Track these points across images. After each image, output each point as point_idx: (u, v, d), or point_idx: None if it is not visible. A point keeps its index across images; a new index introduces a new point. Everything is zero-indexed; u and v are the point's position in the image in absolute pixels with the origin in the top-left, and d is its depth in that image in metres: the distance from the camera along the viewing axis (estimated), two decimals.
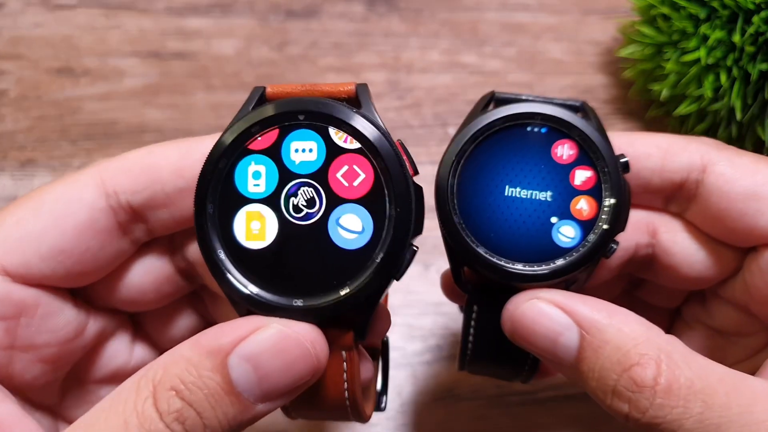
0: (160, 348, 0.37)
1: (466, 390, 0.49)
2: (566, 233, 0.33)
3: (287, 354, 0.26)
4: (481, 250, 0.32)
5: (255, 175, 0.28)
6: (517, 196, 0.33)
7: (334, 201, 0.27)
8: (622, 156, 0.33)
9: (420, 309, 0.52)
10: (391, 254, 0.27)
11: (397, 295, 0.53)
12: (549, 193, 0.33)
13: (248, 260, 0.27)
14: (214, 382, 0.25)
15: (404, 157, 0.28)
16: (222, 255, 0.27)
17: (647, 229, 0.36)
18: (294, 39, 0.63)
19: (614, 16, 0.64)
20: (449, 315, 0.52)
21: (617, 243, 0.33)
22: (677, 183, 0.34)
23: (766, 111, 0.50)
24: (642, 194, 0.35)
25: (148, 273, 0.33)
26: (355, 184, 0.27)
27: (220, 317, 0.37)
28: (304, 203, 0.27)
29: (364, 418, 0.31)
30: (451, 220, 0.32)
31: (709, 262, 0.35)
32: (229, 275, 0.27)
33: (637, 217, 0.36)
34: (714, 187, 0.33)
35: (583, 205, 0.32)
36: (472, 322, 0.35)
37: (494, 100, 0.34)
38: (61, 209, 0.29)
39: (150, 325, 0.36)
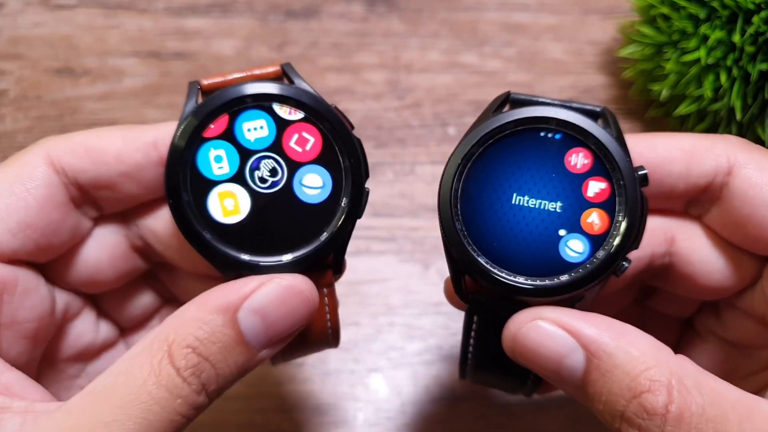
0: (121, 326, 0.39)
1: (466, 390, 0.49)
2: (574, 247, 0.31)
3: (289, 303, 0.30)
4: (481, 260, 0.31)
5: (217, 159, 0.31)
6: (525, 205, 0.31)
7: (294, 166, 0.31)
8: (641, 168, 0.31)
9: (420, 309, 0.52)
10: (354, 198, 0.31)
11: (397, 295, 0.53)
12: (559, 204, 0.31)
13: (230, 234, 0.31)
14: (227, 336, 0.28)
15: (341, 117, 0.32)
16: (207, 235, 0.30)
17: (665, 237, 0.35)
18: (294, 39, 0.63)
19: (614, 16, 0.64)
20: (449, 315, 0.52)
21: (629, 261, 0.31)
22: (702, 187, 0.33)
23: (766, 111, 0.50)
24: (666, 199, 0.34)
25: (103, 248, 0.35)
26: (307, 148, 0.31)
27: (179, 291, 0.39)
28: (268, 173, 0.31)
29: (338, 343, 0.36)
30: (453, 226, 0.31)
31: (727, 271, 0.34)
32: (218, 251, 0.31)
33: (654, 224, 0.35)
34: (739, 192, 0.32)
35: (594, 219, 0.31)
36: (473, 333, 0.34)
37: (510, 101, 0.32)
38: (20, 188, 0.31)
39: (109, 305, 0.38)
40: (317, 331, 0.34)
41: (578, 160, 0.31)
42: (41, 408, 0.28)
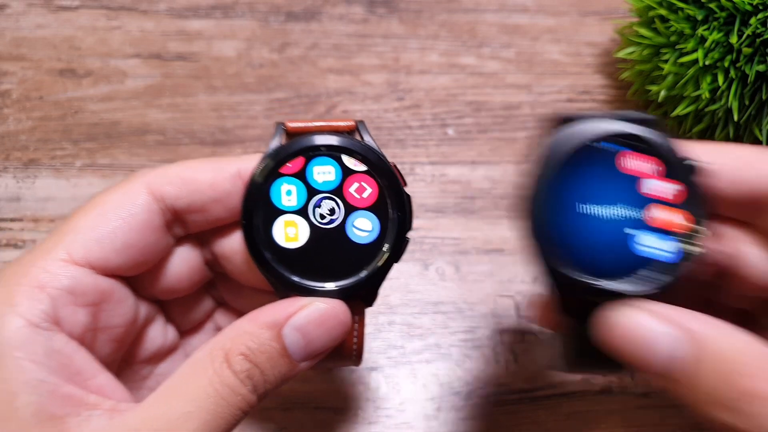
0: (181, 330, 0.43)
1: (465, 388, 0.50)
2: (660, 247, 0.33)
3: (327, 324, 0.34)
4: (596, 282, 0.33)
5: (287, 193, 0.36)
6: (611, 216, 0.33)
7: (350, 209, 0.36)
8: (696, 161, 0.33)
9: (419, 308, 0.53)
10: (395, 245, 0.36)
11: (397, 294, 0.53)
12: (637, 210, 0.33)
13: (287, 257, 0.36)
14: (273, 348, 0.33)
15: (398, 175, 0.36)
16: (267, 255, 0.35)
17: (721, 239, 0.36)
18: (294, 41, 0.64)
19: (612, 18, 0.64)
20: (448, 314, 0.52)
21: (704, 249, 0.33)
22: (757, 195, 0.34)
23: (763, 112, 0.51)
24: (719, 206, 0.35)
25: (183, 263, 0.40)
26: (364, 196, 0.36)
27: (232, 299, 0.44)
28: (328, 212, 0.36)
29: (360, 363, 0.40)
30: (557, 259, 0.33)
31: None
32: (274, 270, 0.36)
33: (714, 228, 0.36)
34: None
35: (675, 218, 0.34)
36: (572, 334, 0.35)
37: (561, 119, 0.34)
38: (125, 212, 0.35)
39: (175, 311, 0.42)
40: (344, 349, 0.38)
41: (642, 166, 0.33)
42: (125, 407, 0.32)
